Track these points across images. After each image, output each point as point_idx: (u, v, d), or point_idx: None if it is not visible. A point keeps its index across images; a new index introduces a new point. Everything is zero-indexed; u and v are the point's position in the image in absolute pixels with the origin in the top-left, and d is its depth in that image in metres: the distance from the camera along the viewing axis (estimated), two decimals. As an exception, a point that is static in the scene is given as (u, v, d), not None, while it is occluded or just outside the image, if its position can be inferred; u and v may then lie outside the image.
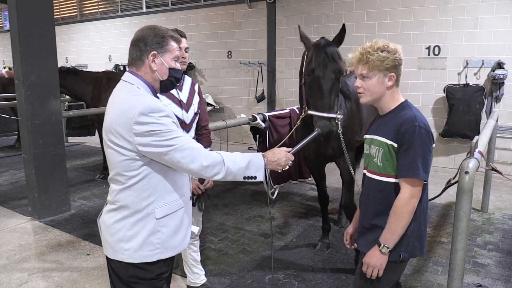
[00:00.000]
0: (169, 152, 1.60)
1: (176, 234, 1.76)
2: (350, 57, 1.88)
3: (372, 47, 1.79)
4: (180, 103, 2.61)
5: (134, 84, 1.69)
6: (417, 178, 1.72)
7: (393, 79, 1.81)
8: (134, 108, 1.57)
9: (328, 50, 2.86)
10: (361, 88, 1.85)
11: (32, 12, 4.26)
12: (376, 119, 2.00)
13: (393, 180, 1.80)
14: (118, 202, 1.70)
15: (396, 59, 1.79)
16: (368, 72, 1.80)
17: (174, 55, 1.74)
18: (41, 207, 4.46)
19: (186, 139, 1.64)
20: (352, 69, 1.89)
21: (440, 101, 6.61)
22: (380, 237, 1.78)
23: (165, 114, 1.61)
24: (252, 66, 8.55)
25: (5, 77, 8.19)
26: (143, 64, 1.70)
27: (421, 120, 1.75)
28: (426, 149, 1.73)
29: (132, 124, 1.57)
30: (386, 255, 1.78)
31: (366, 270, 1.82)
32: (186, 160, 1.62)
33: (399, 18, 6.79)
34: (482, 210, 4.68)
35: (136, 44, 1.70)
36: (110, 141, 1.65)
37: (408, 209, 1.73)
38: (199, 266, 2.98)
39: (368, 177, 1.92)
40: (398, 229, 1.74)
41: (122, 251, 1.69)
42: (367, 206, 1.92)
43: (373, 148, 1.89)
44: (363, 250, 1.91)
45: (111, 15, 10.92)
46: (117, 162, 1.66)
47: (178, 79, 1.80)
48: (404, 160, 1.73)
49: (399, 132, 1.75)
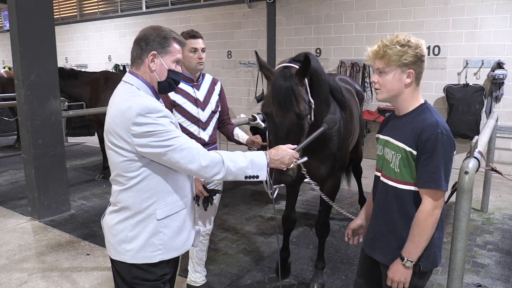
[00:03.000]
0: (167, 152, 1.59)
1: (179, 235, 1.76)
2: (368, 51, 1.75)
3: (391, 41, 1.68)
4: (196, 101, 2.61)
5: (133, 85, 1.68)
6: (440, 189, 1.63)
7: (412, 76, 1.69)
8: (132, 109, 1.57)
9: (285, 91, 2.27)
10: (377, 83, 1.73)
11: (32, 12, 4.26)
12: (390, 118, 1.89)
13: (411, 188, 1.71)
14: (119, 203, 1.70)
15: (416, 55, 1.67)
16: (385, 67, 1.68)
17: (175, 57, 1.73)
18: (41, 207, 4.45)
19: (184, 139, 1.63)
20: (369, 63, 1.75)
21: (440, 101, 6.61)
22: (402, 251, 1.70)
23: (162, 115, 1.61)
24: (252, 66, 8.55)
25: (4, 77, 8.19)
26: (143, 63, 1.70)
27: (443, 127, 1.64)
28: (448, 158, 1.63)
29: (130, 125, 1.57)
30: (410, 269, 1.70)
31: (391, 285, 1.75)
32: (185, 160, 1.61)
33: (399, 18, 6.79)
34: (482, 210, 4.69)
35: (138, 42, 1.71)
36: (110, 142, 1.65)
37: (432, 221, 1.65)
38: (202, 266, 2.97)
39: (384, 182, 1.81)
40: (422, 242, 1.66)
41: (124, 252, 1.69)
42: (381, 212, 1.83)
43: (388, 152, 1.79)
44: (377, 258, 1.85)
45: (111, 15, 10.91)
46: (117, 163, 1.66)
47: (177, 82, 1.78)
48: (426, 170, 1.63)
49: (420, 139, 1.63)
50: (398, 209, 1.75)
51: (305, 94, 2.33)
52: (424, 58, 1.71)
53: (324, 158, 2.83)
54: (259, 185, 5.45)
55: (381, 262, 1.83)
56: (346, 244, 3.82)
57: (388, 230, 1.80)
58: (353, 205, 4.92)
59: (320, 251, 3.15)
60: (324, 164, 2.85)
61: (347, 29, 7.35)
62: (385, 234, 1.81)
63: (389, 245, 1.78)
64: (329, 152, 2.81)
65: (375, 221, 1.87)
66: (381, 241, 1.83)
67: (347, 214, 2.51)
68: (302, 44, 7.86)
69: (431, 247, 1.74)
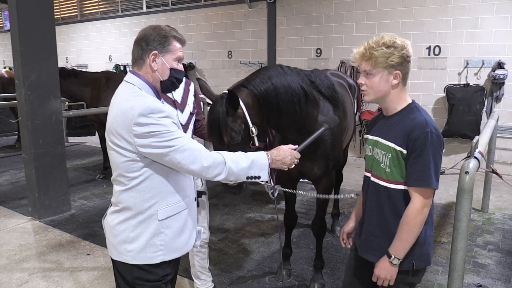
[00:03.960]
0: (169, 153, 1.58)
1: (180, 235, 1.75)
2: (354, 52, 1.76)
3: (377, 42, 1.69)
4: (174, 103, 2.54)
5: (135, 85, 1.68)
6: (429, 187, 1.65)
7: (399, 77, 1.70)
8: (134, 109, 1.56)
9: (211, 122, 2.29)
10: (365, 85, 1.74)
11: (32, 12, 4.26)
12: (379, 118, 1.90)
13: (401, 187, 1.72)
14: (120, 203, 1.70)
15: (402, 56, 1.67)
16: (371, 69, 1.69)
17: (176, 55, 1.73)
18: (42, 207, 4.46)
19: (186, 139, 1.63)
20: (356, 65, 1.76)
21: (440, 101, 6.60)
22: (390, 248, 1.71)
23: (165, 115, 1.60)
24: (252, 66, 8.54)
25: (5, 77, 8.19)
26: (144, 63, 1.70)
27: (432, 125, 1.66)
28: (438, 156, 1.65)
29: (132, 125, 1.56)
30: (396, 267, 1.71)
31: (377, 281, 1.77)
32: (187, 161, 1.61)
33: (399, 18, 6.78)
34: (482, 210, 4.68)
35: (139, 43, 1.70)
36: (112, 142, 1.65)
37: (420, 219, 1.66)
38: (206, 273, 2.93)
39: (374, 182, 1.82)
40: (410, 240, 1.68)
41: (125, 252, 1.69)
42: (372, 212, 1.83)
43: (378, 152, 1.79)
44: (370, 259, 1.85)
45: (112, 15, 10.92)
46: (119, 163, 1.65)
47: (179, 80, 1.78)
48: (416, 168, 1.64)
49: (409, 138, 1.65)
50: (390, 209, 1.76)
51: (237, 124, 2.28)
52: (410, 58, 1.72)
53: (317, 157, 2.82)
54: (259, 185, 5.45)
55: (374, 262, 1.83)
56: (346, 244, 3.82)
57: (381, 230, 1.80)
58: (354, 206, 4.91)
59: (318, 251, 3.16)
60: (317, 163, 2.85)
61: (348, 29, 7.35)
62: (378, 234, 1.82)
63: (382, 246, 1.78)
64: (322, 152, 2.80)
65: (368, 222, 1.87)
66: (373, 241, 1.83)
67: (348, 197, 2.50)
68: (302, 44, 7.87)
69: (424, 245, 1.75)
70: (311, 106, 2.65)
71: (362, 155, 7.41)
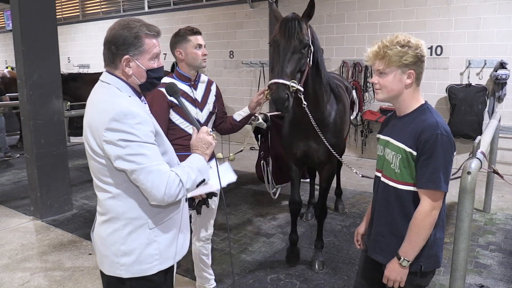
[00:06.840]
0: (134, 171, 1.44)
1: (174, 241, 1.66)
2: (367, 51, 1.74)
3: (391, 41, 1.68)
4: (194, 101, 2.55)
5: (111, 84, 1.55)
6: (439, 190, 1.63)
7: (412, 77, 1.68)
8: (106, 113, 1.43)
9: (291, 22, 2.76)
10: (378, 84, 1.73)
11: (34, 12, 4.27)
12: (391, 118, 1.89)
13: (411, 188, 1.71)
14: (107, 213, 1.58)
15: (417, 55, 1.66)
16: (385, 68, 1.68)
17: (152, 53, 1.56)
18: (43, 206, 4.47)
19: (154, 159, 1.46)
20: (369, 64, 1.75)
21: (442, 101, 6.59)
22: (399, 250, 1.70)
23: (139, 121, 1.45)
24: (254, 66, 8.55)
25: (7, 77, 8.21)
26: (117, 68, 1.55)
27: (443, 127, 1.63)
28: (448, 159, 1.63)
29: (103, 131, 1.43)
30: (406, 269, 1.70)
31: (387, 283, 1.77)
32: (148, 185, 1.44)
33: (401, 18, 6.78)
34: (484, 211, 4.67)
35: (108, 46, 1.54)
36: (89, 146, 1.53)
37: (429, 222, 1.65)
38: (209, 270, 2.93)
39: (384, 183, 1.81)
40: (419, 242, 1.66)
41: (118, 266, 1.57)
42: (382, 212, 1.82)
43: (388, 152, 1.78)
44: (377, 259, 1.85)
45: (113, 15, 10.93)
46: (98, 169, 1.54)
47: (159, 78, 1.64)
48: (425, 170, 1.63)
49: (419, 140, 1.63)
50: (399, 210, 1.75)
51: (307, 33, 2.74)
52: (424, 58, 1.71)
53: (322, 143, 3.04)
54: (261, 185, 5.44)
55: (383, 263, 1.83)
56: (348, 244, 3.82)
57: (389, 231, 1.79)
58: (355, 206, 4.92)
59: (319, 232, 3.48)
60: (321, 149, 3.12)
61: (349, 29, 7.34)
62: (386, 235, 1.81)
63: (390, 246, 1.78)
64: (326, 139, 3.00)
65: (377, 222, 1.87)
66: (382, 242, 1.82)
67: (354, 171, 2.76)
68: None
69: (433, 247, 1.73)
70: (325, 92, 3.07)
71: (364, 155, 7.42)
